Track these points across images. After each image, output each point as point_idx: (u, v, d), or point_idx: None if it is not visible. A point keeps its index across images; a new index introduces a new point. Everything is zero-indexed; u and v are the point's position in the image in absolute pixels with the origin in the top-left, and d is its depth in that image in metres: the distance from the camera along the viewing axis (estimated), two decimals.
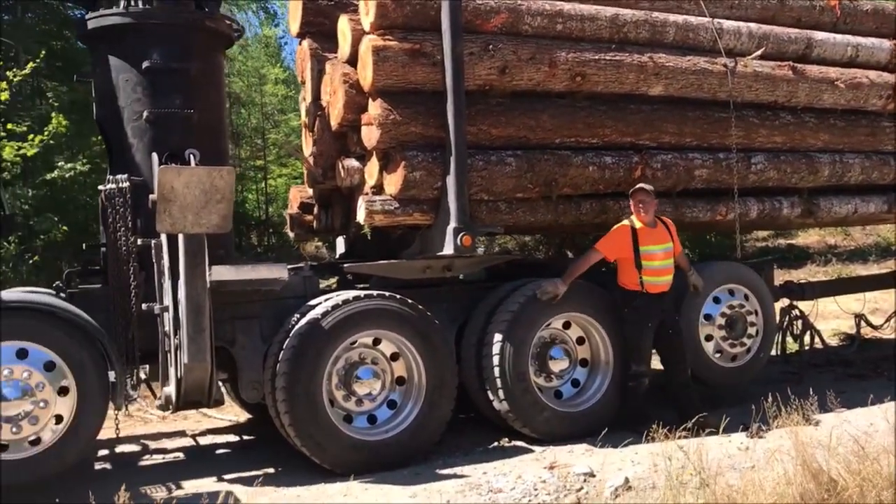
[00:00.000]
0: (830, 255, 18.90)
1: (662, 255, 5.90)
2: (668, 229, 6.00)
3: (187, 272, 4.93)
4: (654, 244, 5.88)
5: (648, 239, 5.87)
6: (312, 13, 6.58)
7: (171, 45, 5.73)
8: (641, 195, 5.85)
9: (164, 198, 4.81)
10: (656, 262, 5.88)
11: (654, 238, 5.88)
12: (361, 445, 5.36)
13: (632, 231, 5.86)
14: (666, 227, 6.00)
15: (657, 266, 5.89)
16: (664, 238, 5.92)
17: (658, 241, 5.89)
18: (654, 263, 5.87)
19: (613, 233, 5.94)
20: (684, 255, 6.27)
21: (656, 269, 5.89)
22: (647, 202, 5.84)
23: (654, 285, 5.88)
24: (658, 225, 5.95)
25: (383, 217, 5.68)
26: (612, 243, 5.92)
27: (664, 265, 5.92)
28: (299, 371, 5.21)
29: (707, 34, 6.49)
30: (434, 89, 5.64)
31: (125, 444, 6.44)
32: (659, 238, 5.90)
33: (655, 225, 5.93)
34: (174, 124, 5.70)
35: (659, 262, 5.89)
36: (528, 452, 5.61)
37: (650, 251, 5.86)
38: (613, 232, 5.95)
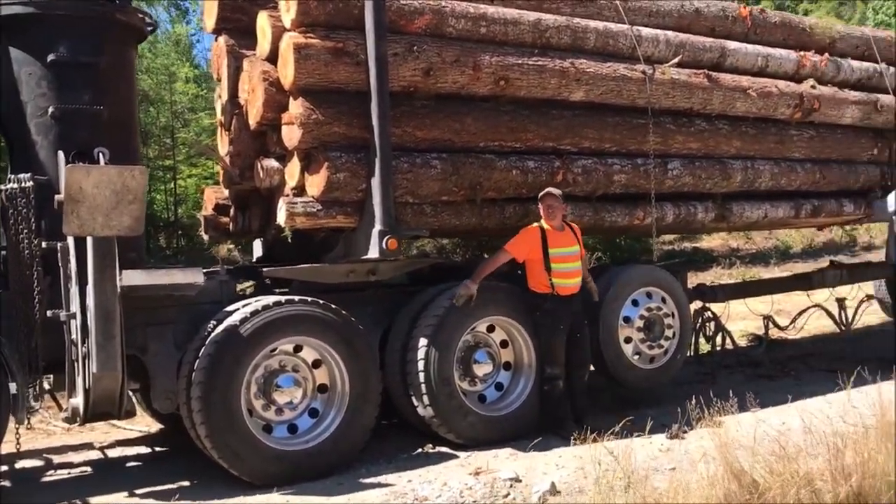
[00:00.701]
0: (734, 258, 19.66)
1: (571, 258, 5.97)
2: (575, 233, 6.09)
3: (96, 277, 4.69)
4: (563, 247, 5.94)
5: (557, 242, 5.92)
6: (229, 9, 6.36)
7: (79, 37, 5.45)
8: (550, 199, 5.90)
9: (71, 198, 4.55)
10: (565, 264, 5.94)
11: (562, 241, 5.95)
12: (282, 456, 5.19)
13: (541, 233, 5.91)
14: (573, 230, 6.09)
15: (566, 268, 5.95)
16: (572, 241, 6.01)
17: (566, 243, 5.97)
18: (563, 266, 5.93)
19: (523, 234, 5.98)
20: (585, 261, 6.41)
21: (565, 272, 5.95)
22: (555, 206, 5.91)
23: (563, 287, 5.93)
24: (566, 228, 6.04)
25: (305, 219, 5.53)
26: (521, 244, 5.95)
27: (573, 267, 6.00)
28: (216, 380, 5.01)
29: (626, 41, 6.60)
30: (358, 89, 5.53)
31: (27, 459, 6.07)
32: (567, 241, 5.98)
33: (563, 229, 6.01)
34: (82, 121, 5.42)
35: (568, 265, 5.96)
36: (453, 458, 5.55)
37: (559, 253, 5.91)
38: (523, 233, 5.98)
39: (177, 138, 22.57)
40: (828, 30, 8.07)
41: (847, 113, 7.83)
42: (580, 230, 6.24)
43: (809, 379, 7.55)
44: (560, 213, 5.97)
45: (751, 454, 4.29)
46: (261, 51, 5.90)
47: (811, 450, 4.50)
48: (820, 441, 4.48)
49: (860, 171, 8.16)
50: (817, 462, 4.29)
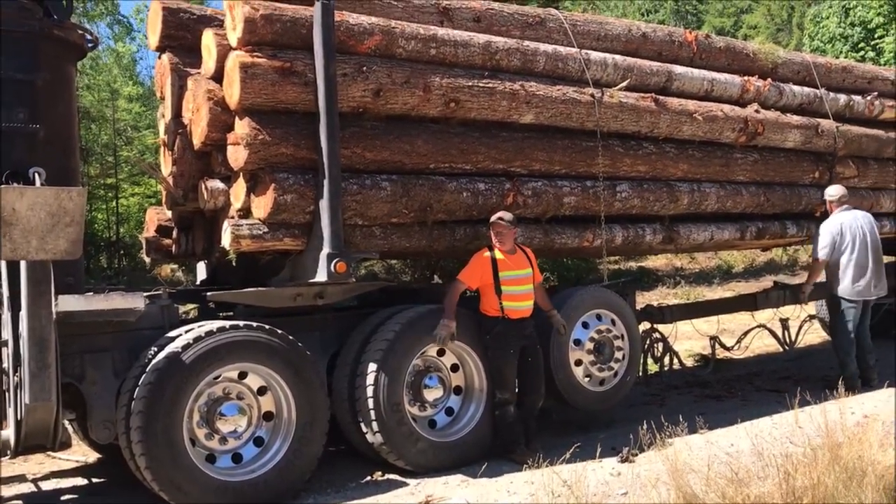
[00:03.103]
0: (679, 278, 19.96)
1: (522, 281, 5.94)
2: (528, 257, 6.08)
3: (30, 302, 4.49)
4: (514, 270, 5.91)
5: (507, 265, 5.89)
6: (173, 26, 6.21)
7: (14, 53, 5.22)
8: (498, 227, 5.88)
9: (4, 221, 4.34)
10: (516, 287, 5.90)
11: (513, 264, 5.92)
12: (225, 487, 5.01)
13: (492, 258, 5.89)
14: (525, 254, 6.07)
15: (517, 291, 5.91)
16: (523, 264, 5.98)
17: (518, 266, 5.94)
18: (513, 289, 5.89)
19: (473, 261, 5.94)
20: (543, 289, 6.35)
21: (516, 295, 5.91)
22: (503, 233, 5.88)
23: (514, 311, 5.89)
24: (517, 252, 6.02)
25: (251, 242, 5.39)
26: (473, 272, 5.91)
27: (523, 290, 5.95)
28: (156, 409, 4.83)
29: (576, 64, 6.63)
30: (306, 110, 5.44)
31: None
32: (519, 264, 5.95)
33: (515, 252, 5.99)
34: (17, 140, 5.19)
35: (518, 288, 5.92)
36: (403, 486, 5.44)
37: (509, 276, 5.88)
38: (473, 260, 5.94)
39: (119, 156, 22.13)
40: (770, 55, 8.24)
41: (790, 137, 7.99)
42: (533, 253, 6.22)
43: (756, 399, 7.63)
44: (510, 238, 5.94)
45: (703, 479, 4.28)
46: (206, 69, 5.77)
47: (761, 472, 4.53)
48: (769, 463, 4.50)
49: (803, 193, 8.33)
50: (768, 485, 4.31)
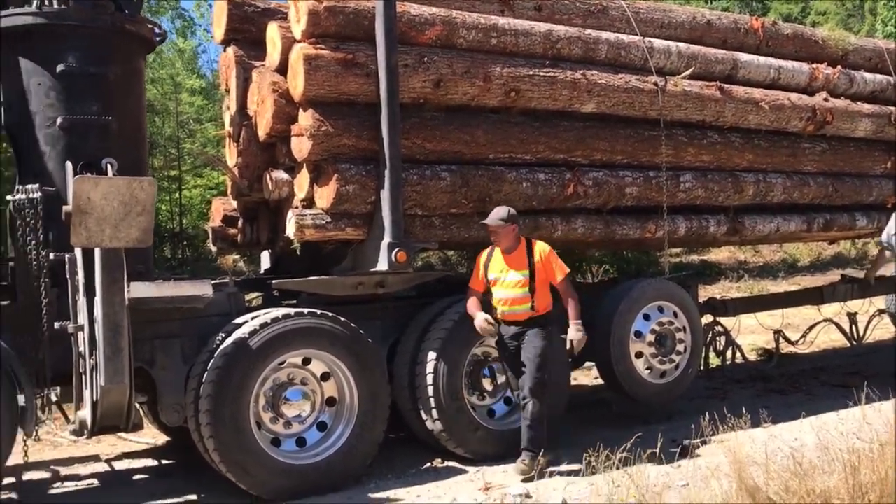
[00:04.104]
0: (742, 271, 19.58)
1: (510, 283, 5.44)
2: (531, 257, 5.46)
3: (105, 289, 4.64)
4: (498, 271, 5.49)
5: (496, 265, 5.51)
6: (238, 20, 6.32)
7: (88, 48, 5.40)
8: (489, 227, 5.50)
9: (80, 210, 4.50)
10: (500, 289, 5.47)
11: (501, 265, 5.49)
12: (290, 470, 5.13)
13: (486, 256, 5.58)
14: (530, 254, 5.47)
15: (503, 293, 5.47)
16: (515, 265, 5.45)
17: (505, 268, 5.47)
18: (499, 290, 5.48)
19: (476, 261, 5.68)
20: (569, 292, 5.54)
21: (502, 297, 5.47)
22: (497, 232, 5.47)
23: (503, 314, 5.48)
24: (518, 251, 5.48)
25: (314, 231, 5.50)
26: (473, 274, 5.65)
27: (512, 293, 5.43)
28: (225, 393, 4.96)
29: (638, 53, 6.57)
30: (368, 101, 5.51)
31: (34, 471, 6.02)
32: (510, 264, 5.46)
33: (513, 251, 5.48)
34: (91, 132, 5.37)
35: (504, 290, 5.46)
36: (462, 473, 5.49)
37: (495, 277, 5.50)
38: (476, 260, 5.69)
39: (182, 149, 22.63)
40: (841, 42, 8.01)
41: (860, 126, 7.77)
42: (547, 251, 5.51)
43: (821, 394, 7.47)
44: (505, 237, 5.47)
45: (765, 471, 4.22)
46: (270, 62, 5.88)
47: (826, 467, 4.42)
48: (835, 458, 4.40)
49: (873, 184, 8.09)
50: (833, 480, 4.22)
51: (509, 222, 5.45)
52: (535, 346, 5.37)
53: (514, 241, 5.50)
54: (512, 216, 5.47)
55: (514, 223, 5.48)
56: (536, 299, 5.43)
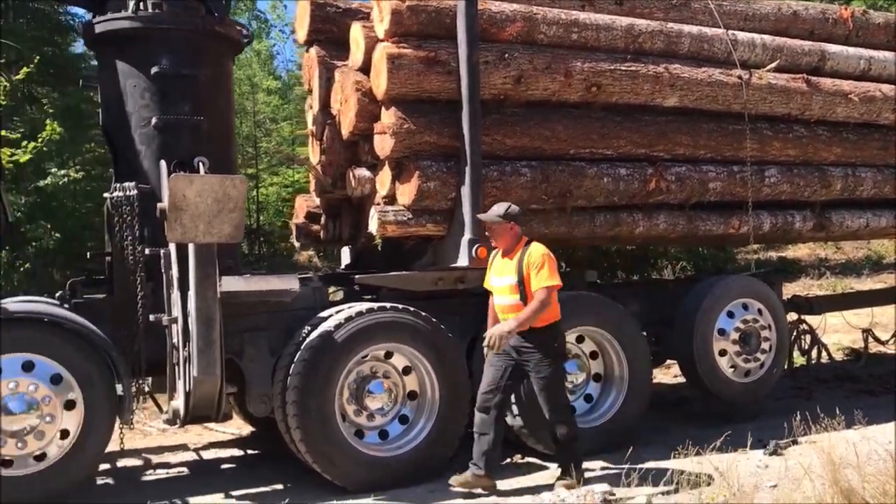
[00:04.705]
0: (824, 268, 18.95)
1: (503, 288, 5.06)
2: (523, 260, 4.95)
3: (198, 283, 4.80)
4: (495, 274, 5.14)
5: (496, 267, 5.16)
6: (320, 20, 6.45)
7: (180, 50, 5.60)
8: (486, 224, 5.14)
9: (175, 206, 4.68)
10: (497, 294, 5.13)
11: (499, 268, 5.12)
12: (373, 462, 5.22)
13: (492, 258, 5.25)
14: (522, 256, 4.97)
15: (498, 300, 5.13)
16: (511, 268, 5.00)
17: (500, 271, 5.09)
18: (496, 296, 5.15)
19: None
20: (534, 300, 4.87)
21: (498, 304, 5.13)
22: (493, 229, 5.08)
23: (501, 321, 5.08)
24: (515, 253, 5.02)
25: (396, 227, 5.57)
26: (485, 279, 5.31)
27: (505, 300, 5.05)
28: (312, 385, 5.07)
29: (721, 46, 6.45)
30: (449, 98, 5.55)
31: (127, 458, 6.27)
32: (502, 269, 5.08)
33: (511, 252, 5.05)
34: (183, 131, 5.56)
35: (499, 296, 5.11)
36: (544, 470, 5.49)
37: (491, 281, 5.19)
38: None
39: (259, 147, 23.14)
40: None
41: None
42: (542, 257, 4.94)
43: None
44: (502, 236, 5.04)
45: (859, 474, 4.10)
46: (353, 61, 5.98)
47: None
48: None
49: None
50: None
51: (507, 220, 5.00)
52: (541, 376, 4.95)
53: (513, 241, 5.03)
54: (511, 213, 5.01)
55: (513, 221, 5.01)
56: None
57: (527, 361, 4.97)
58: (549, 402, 5.01)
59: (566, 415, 5.11)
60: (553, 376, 4.98)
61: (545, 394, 4.99)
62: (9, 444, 4.64)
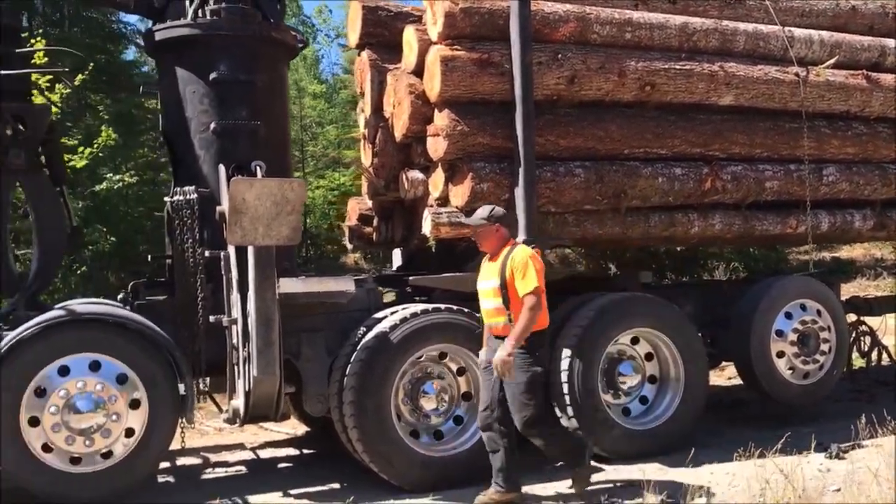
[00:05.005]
0: (880, 269, 18.50)
1: (486, 292, 4.89)
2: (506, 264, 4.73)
3: (257, 284, 4.88)
4: (481, 277, 4.97)
5: (482, 271, 5.00)
6: (372, 24, 6.50)
7: (238, 56, 5.70)
8: (471, 226, 4.99)
9: (235, 209, 4.76)
10: (481, 297, 4.96)
11: (484, 271, 4.96)
12: (430, 461, 5.25)
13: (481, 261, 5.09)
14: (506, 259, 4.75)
15: (482, 303, 4.97)
16: (494, 272, 4.81)
17: (485, 274, 4.92)
18: (481, 300, 4.97)
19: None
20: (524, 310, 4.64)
21: (482, 308, 4.97)
22: (478, 232, 4.92)
23: (487, 327, 4.95)
24: (499, 256, 4.81)
25: (449, 229, 5.60)
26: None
27: (488, 304, 4.87)
28: (368, 384, 5.12)
29: (778, 43, 6.36)
30: (502, 99, 5.57)
31: (186, 457, 6.39)
32: (488, 272, 4.90)
33: (495, 256, 4.87)
34: (241, 136, 5.66)
35: (483, 299, 4.94)
36: (598, 471, 5.45)
37: (478, 284, 5.02)
38: None
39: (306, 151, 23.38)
40: None
41: None
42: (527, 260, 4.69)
43: None
44: (485, 240, 4.89)
45: None
46: (406, 64, 6.02)
47: None
48: None
49: None
50: None
51: (492, 222, 4.83)
52: (515, 383, 4.65)
53: (499, 244, 4.84)
54: (496, 215, 4.84)
55: (497, 223, 4.83)
56: (514, 312, 4.69)
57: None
58: (519, 413, 4.67)
59: (540, 428, 4.76)
60: (525, 385, 4.64)
61: (515, 404, 4.67)
62: (77, 442, 4.78)
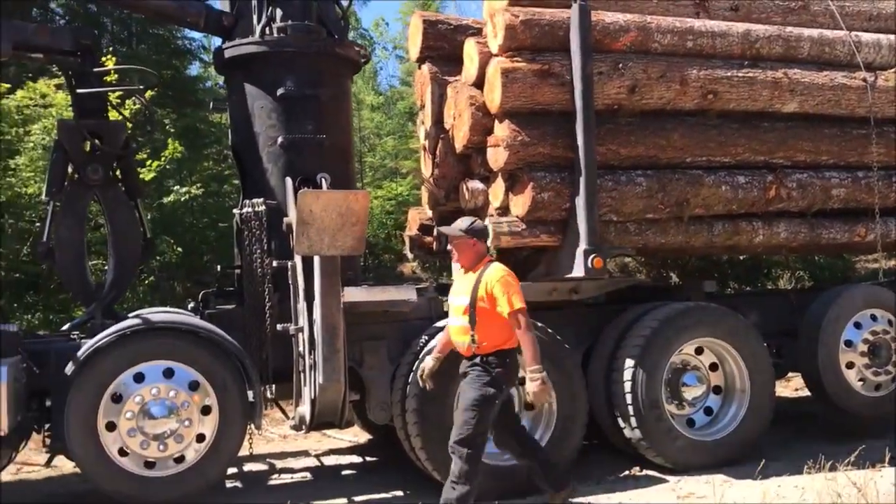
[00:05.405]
0: None
1: (455, 308, 4.72)
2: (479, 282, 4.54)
3: (323, 293, 4.99)
4: (453, 293, 4.82)
5: (455, 285, 4.87)
6: (432, 37, 6.56)
7: (304, 72, 5.86)
8: (450, 239, 4.83)
9: (302, 221, 4.89)
10: (451, 314, 4.80)
11: (457, 287, 4.80)
12: (493, 470, 5.25)
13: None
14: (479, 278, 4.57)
15: (451, 320, 4.80)
16: (465, 288, 4.63)
17: (457, 290, 4.76)
18: (450, 315, 4.82)
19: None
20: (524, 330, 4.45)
21: (450, 325, 4.81)
22: (455, 244, 4.78)
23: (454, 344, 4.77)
24: (473, 272, 4.66)
25: (510, 238, 5.63)
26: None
27: (455, 321, 4.69)
28: (430, 392, 5.16)
29: (844, 48, 6.24)
30: (562, 109, 5.58)
31: (253, 463, 6.54)
32: (460, 288, 4.73)
33: (469, 270, 4.70)
34: (307, 149, 5.81)
35: (451, 315, 4.79)
36: (662, 482, 5.42)
37: (450, 299, 4.86)
38: None
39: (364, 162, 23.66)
40: None
41: None
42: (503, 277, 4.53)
43: None
44: (461, 253, 4.74)
45: None
46: (467, 76, 6.08)
47: None
48: None
49: None
50: None
51: (469, 235, 4.68)
52: (467, 396, 4.49)
53: (474, 259, 4.69)
54: (474, 229, 4.69)
55: (475, 238, 4.69)
56: (478, 332, 4.50)
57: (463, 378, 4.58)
58: (460, 427, 4.47)
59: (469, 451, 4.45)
60: (476, 401, 4.45)
61: (462, 416, 4.48)
62: (151, 447, 4.95)
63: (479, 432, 4.48)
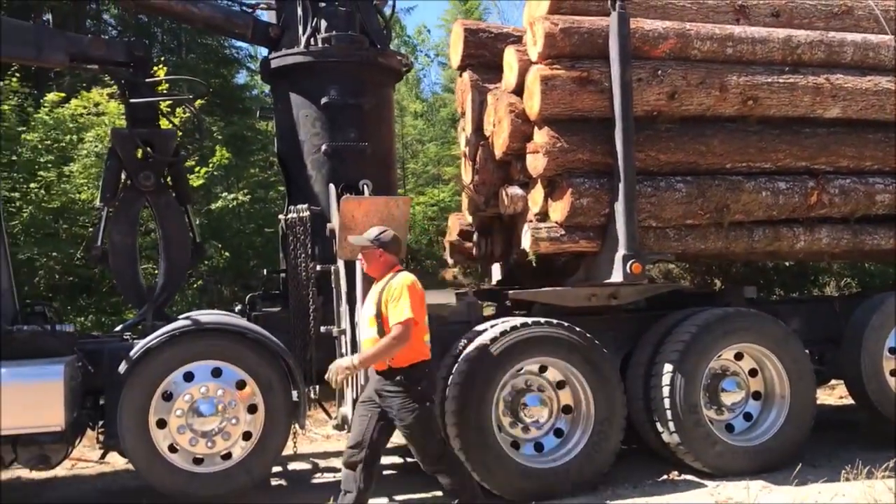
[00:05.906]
0: None
1: (364, 319, 4.57)
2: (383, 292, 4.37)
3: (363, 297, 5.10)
4: (365, 304, 4.63)
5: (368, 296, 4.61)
6: (473, 45, 6.67)
7: (347, 81, 6.02)
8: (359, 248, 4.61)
9: (345, 226, 5.03)
10: (361, 325, 4.66)
11: (368, 296, 4.59)
12: (530, 472, 5.34)
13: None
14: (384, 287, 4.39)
15: (361, 332, 4.66)
16: (372, 298, 4.46)
17: (368, 300, 4.57)
18: (360, 328, 4.68)
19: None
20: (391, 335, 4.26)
21: (361, 337, 4.66)
22: (364, 253, 4.59)
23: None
24: (384, 281, 4.45)
25: (549, 244, 5.70)
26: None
27: (365, 333, 4.52)
28: (469, 396, 5.27)
29: (889, 53, 6.18)
30: (601, 116, 5.64)
31: (297, 462, 6.69)
32: (370, 297, 4.54)
33: (377, 282, 4.52)
34: (350, 157, 5.96)
35: (362, 327, 4.64)
36: (701, 487, 5.43)
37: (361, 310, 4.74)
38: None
39: (406, 168, 23.86)
40: None
41: None
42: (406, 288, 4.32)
43: None
44: (369, 263, 4.55)
45: None
46: (506, 84, 6.17)
47: None
48: None
49: None
50: None
51: (376, 245, 4.49)
52: (404, 424, 4.33)
53: (383, 269, 4.50)
54: (381, 239, 4.49)
55: (382, 248, 4.49)
56: None
57: (389, 407, 4.34)
58: (420, 453, 4.47)
59: (444, 464, 4.49)
60: (417, 424, 4.34)
61: (413, 445, 4.43)
62: (200, 444, 5.13)
63: (438, 447, 4.50)
